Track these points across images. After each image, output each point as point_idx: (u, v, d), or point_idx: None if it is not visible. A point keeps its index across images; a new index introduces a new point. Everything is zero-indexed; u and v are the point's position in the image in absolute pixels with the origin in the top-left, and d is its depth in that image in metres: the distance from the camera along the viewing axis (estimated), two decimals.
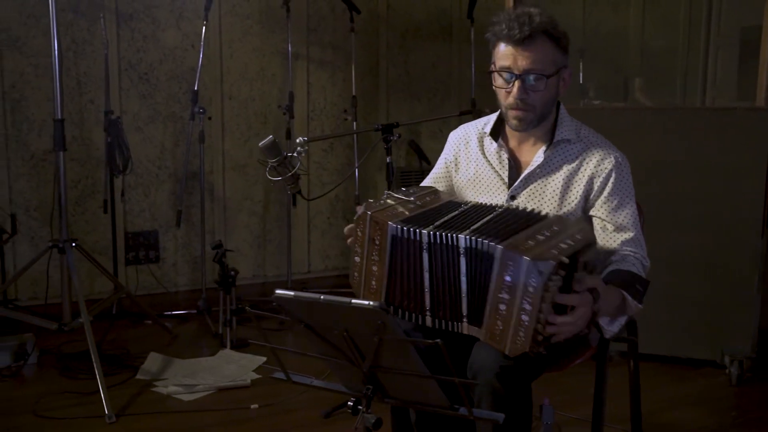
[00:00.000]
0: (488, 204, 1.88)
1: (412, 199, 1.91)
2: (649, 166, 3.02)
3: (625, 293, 1.77)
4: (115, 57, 4.09)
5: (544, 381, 1.95)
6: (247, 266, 4.50)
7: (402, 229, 1.76)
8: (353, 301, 1.35)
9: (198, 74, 4.02)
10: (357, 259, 1.86)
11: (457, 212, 1.82)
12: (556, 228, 1.69)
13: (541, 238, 1.65)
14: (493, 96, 1.99)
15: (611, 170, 1.91)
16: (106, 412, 2.78)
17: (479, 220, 1.74)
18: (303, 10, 4.51)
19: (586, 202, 1.93)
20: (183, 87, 4.29)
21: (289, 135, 4.29)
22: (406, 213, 1.83)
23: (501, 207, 1.83)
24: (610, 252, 1.90)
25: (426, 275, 1.76)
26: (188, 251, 4.38)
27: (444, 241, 1.71)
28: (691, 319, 3.25)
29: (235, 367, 3.32)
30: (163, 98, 4.26)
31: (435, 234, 1.72)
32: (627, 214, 1.91)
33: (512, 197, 1.97)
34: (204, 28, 4.01)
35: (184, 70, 4.29)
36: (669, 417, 2.82)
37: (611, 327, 1.85)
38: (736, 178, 3.15)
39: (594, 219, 1.94)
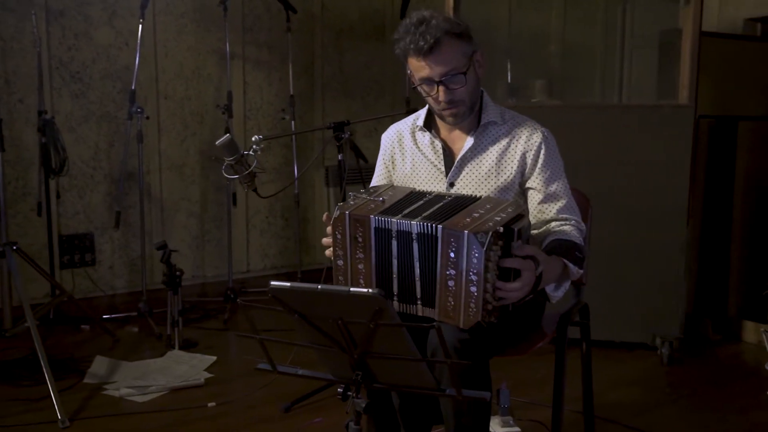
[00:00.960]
0: (443, 193, 1.97)
1: (378, 196, 1.97)
2: (581, 161, 3.18)
3: (565, 260, 1.90)
4: (45, 55, 3.98)
5: (494, 367, 2.04)
6: (185, 266, 4.45)
7: (382, 220, 1.83)
8: (352, 289, 1.41)
9: (135, 73, 3.96)
10: (340, 262, 1.90)
11: (421, 202, 1.90)
12: (488, 206, 1.82)
13: (476, 215, 1.77)
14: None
15: (540, 144, 2.03)
16: (59, 417, 2.72)
17: (431, 208, 1.84)
18: (238, 10, 4.51)
19: (522, 176, 2.05)
20: (117, 86, 4.22)
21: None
22: (381, 206, 1.90)
23: (451, 195, 1.91)
24: (548, 221, 2.03)
25: (394, 262, 1.84)
26: (125, 253, 4.31)
27: (404, 229, 1.80)
28: (625, 306, 3.44)
29: (186, 367, 3.30)
30: (96, 97, 4.17)
31: (400, 222, 1.81)
32: (559, 184, 2.04)
33: (451, 184, 2.07)
34: (141, 26, 3.96)
35: (118, 68, 4.22)
36: (610, 397, 2.98)
37: (556, 293, 1.98)
38: (663, 172, 3.36)
39: (530, 191, 2.06)
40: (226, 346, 3.73)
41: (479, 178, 2.03)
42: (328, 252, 1.96)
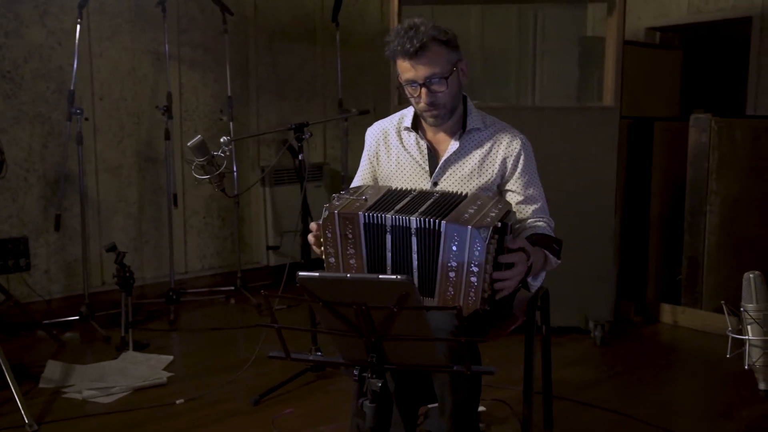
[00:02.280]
0: (426, 190, 2.11)
1: (360, 195, 2.09)
2: None
3: (546, 252, 2.10)
4: None
5: None
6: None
7: (371, 216, 1.96)
8: (381, 276, 1.54)
9: (74, 74, 3.90)
10: (332, 260, 2.01)
11: (409, 199, 2.04)
12: (479, 203, 1.98)
13: (471, 211, 1.92)
14: (358, 96, 2.20)
15: (520, 151, 2.21)
16: (26, 421, 2.70)
17: (423, 204, 1.98)
18: (173, 11, 4.50)
19: (502, 179, 2.23)
20: (51, 86, 4.13)
21: (167, 136, 4.27)
22: (366, 204, 2.02)
23: (437, 192, 2.06)
24: (524, 219, 2.23)
25: (388, 255, 1.97)
26: (61, 257, 4.22)
27: (401, 224, 1.93)
28: (560, 293, 3.69)
29: (144, 367, 3.31)
30: (29, 98, 4.07)
31: (395, 217, 1.94)
32: (535, 188, 2.24)
33: (435, 183, 2.22)
34: (78, 26, 3.90)
35: (51, 68, 4.13)
36: (553, 376, 3.21)
37: (535, 282, 2.17)
38: (594, 168, 3.65)
39: (508, 193, 2.24)
40: (178, 345, 3.75)
41: (462, 179, 2.18)
42: (317, 249, 2.06)
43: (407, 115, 2.27)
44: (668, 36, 5.98)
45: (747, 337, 1.64)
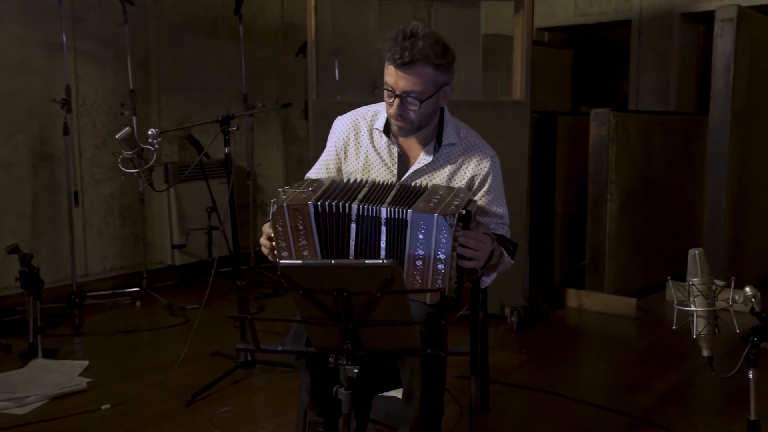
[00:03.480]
0: (381, 182, 2.07)
1: (307, 186, 2.05)
2: None
3: (503, 249, 2.16)
4: None
5: None
6: (16, 273, 4.11)
7: (323, 205, 1.94)
8: (366, 261, 1.54)
9: None
10: (285, 254, 1.96)
11: (368, 189, 2.02)
12: (441, 193, 2.00)
13: (435, 200, 1.95)
14: (261, 91, 2.13)
15: (489, 171, 2.21)
16: None
17: (389, 194, 1.98)
18: None
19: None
20: None
21: (66, 131, 4.03)
22: (314, 194, 1.99)
23: (396, 184, 2.04)
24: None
25: (352, 243, 1.96)
26: None
27: (369, 213, 1.93)
28: None
29: (58, 374, 3.12)
30: None
31: (363, 207, 1.93)
32: (499, 206, 2.25)
33: None
34: None
35: None
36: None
37: (488, 279, 2.25)
38: (507, 161, 3.73)
39: None
40: (88, 350, 3.55)
41: None
42: (266, 250, 2.03)
43: (381, 114, 2.20)
44: (556, 36, 6.29)
45: (693, 308, 1.76)
